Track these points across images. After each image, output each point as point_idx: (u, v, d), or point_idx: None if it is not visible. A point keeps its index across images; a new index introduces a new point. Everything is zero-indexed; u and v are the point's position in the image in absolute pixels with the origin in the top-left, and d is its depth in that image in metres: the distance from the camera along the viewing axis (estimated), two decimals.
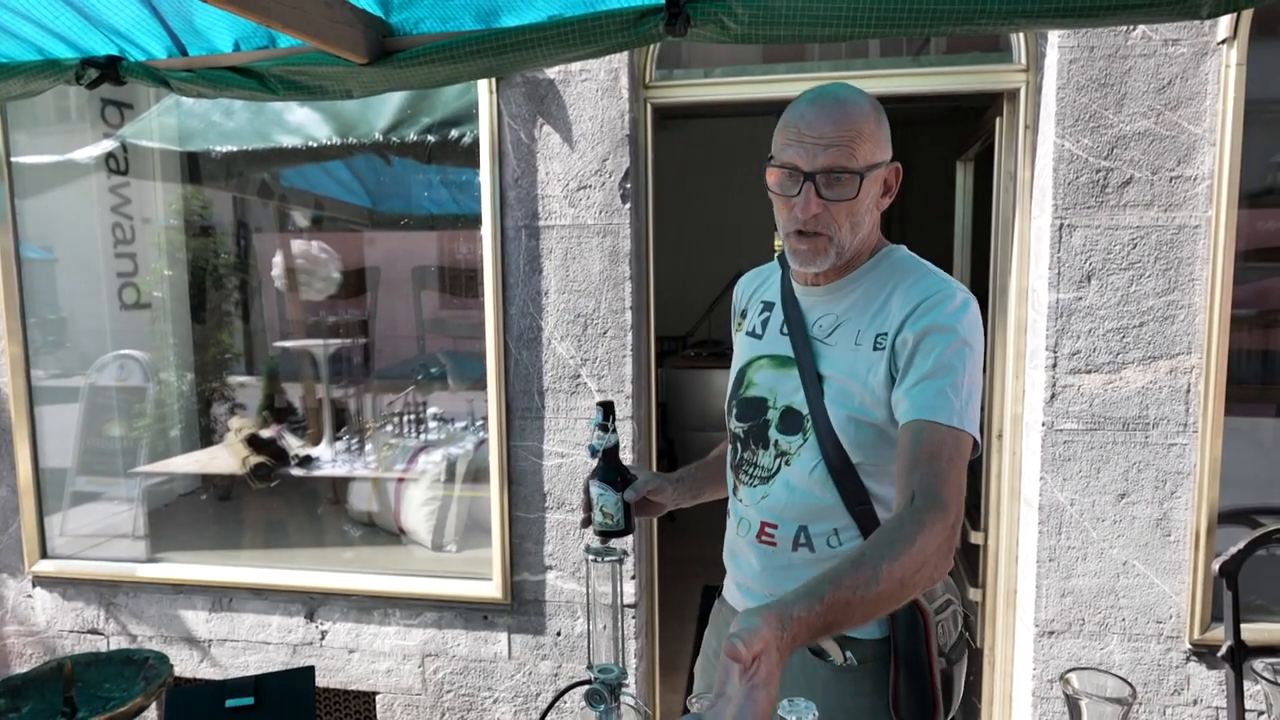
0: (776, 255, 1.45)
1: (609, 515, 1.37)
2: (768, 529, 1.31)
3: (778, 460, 1.29)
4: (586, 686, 1.18)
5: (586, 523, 1.40)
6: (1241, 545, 1.83)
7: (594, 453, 1.38)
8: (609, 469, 1.37)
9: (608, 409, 1.38)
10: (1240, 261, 2.09)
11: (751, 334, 1.38)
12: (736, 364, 1.40)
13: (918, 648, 1.22)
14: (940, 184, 4.87)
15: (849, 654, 1.24)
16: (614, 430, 1.38)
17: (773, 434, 1.30)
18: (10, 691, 1.17)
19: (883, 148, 1.21)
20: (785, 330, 1.31)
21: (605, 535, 1.38)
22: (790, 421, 1.28)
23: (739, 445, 1.36)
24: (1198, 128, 2.06)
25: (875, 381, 1.19)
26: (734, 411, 1.36)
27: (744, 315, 1.44)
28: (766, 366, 1.33)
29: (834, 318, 1.27)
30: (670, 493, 1.45)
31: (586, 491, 1.38)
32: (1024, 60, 2.26)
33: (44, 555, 2.91)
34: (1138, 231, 2.11)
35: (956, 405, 1.12)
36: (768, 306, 1.37)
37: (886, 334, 1.19)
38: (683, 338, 6.16)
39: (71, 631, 2.92)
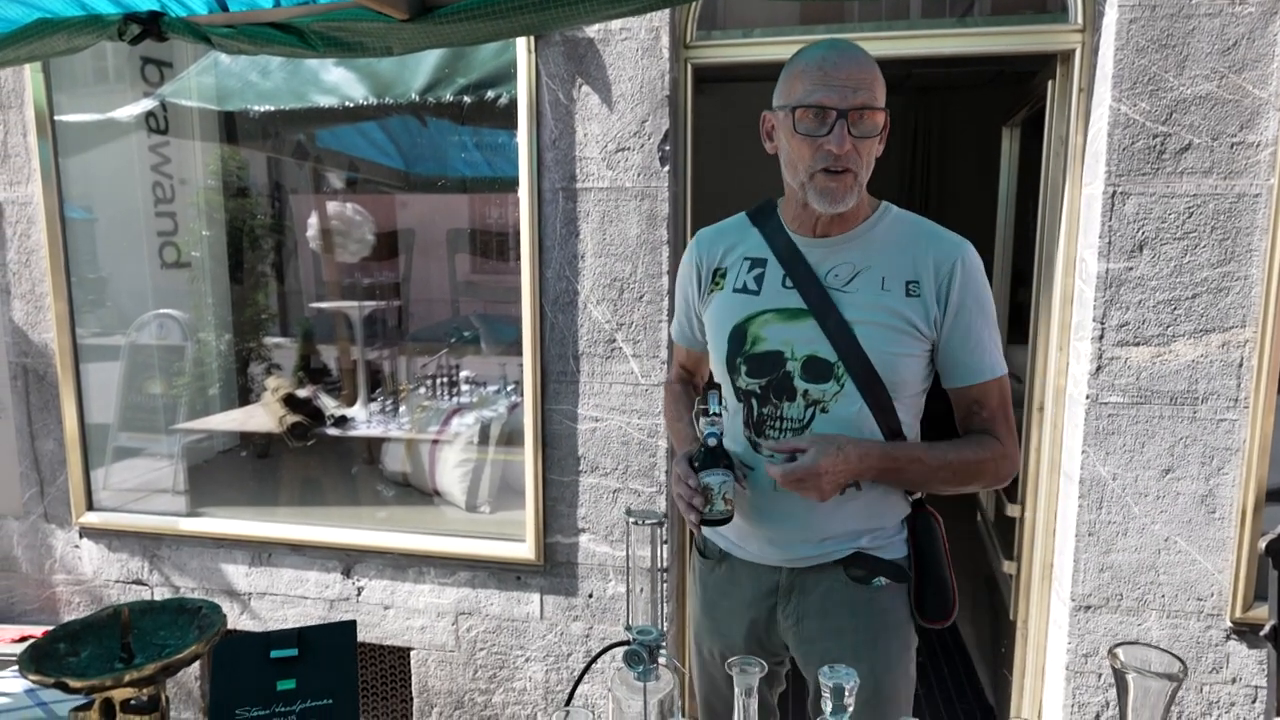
0: (749, 210, 1.47)
1: (729, 502, 1.31)
2: None
3: (810, 409, 1.33)
4: (625, 647, 1.19)
5: (703, 522, 1.31)
6: None
7: (715, 440, 1.30)
8: (723, 454, 1.31)
9: (719, 392, 1.34)
10: None
11: (742, 290, 1.38)
12: (729, 321, 1.39)
13: (935, 546, 1.42)
14: (980, 150, 4.74)
15: (881, 579, 1.39)
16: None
17: (799, 384, 1.33)
18: (70, 636, 1.20)
19: (885, 94, 1.29)
20: (789, 283, 1.34)
21: (717, 524, 1.33)
22: (816, 370, 1.32)
23: (755, 401, 1.37)
24: (1263, 91, 1.98)
25: (915, 320, 1.30)
26: (743, 369, 1.37)
27: (722, 274, 1.43)
28: (774, 320, 1.35)
29: (851, 266, 1.33)
30: None
31: (703, 487, 1.29)
32: (1080, 20, 2.17)
33: (90, 507, 2.99)
34: (1194, 200, 2.04)
35: (998, 355, 1.36)
36: (758, 263, 1.39)
37: (918, 282, 1.31)
38: None
39: (117, 582, 3.00)
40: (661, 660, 1.21)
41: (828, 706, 0.97)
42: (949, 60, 2.35)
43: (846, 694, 0.96)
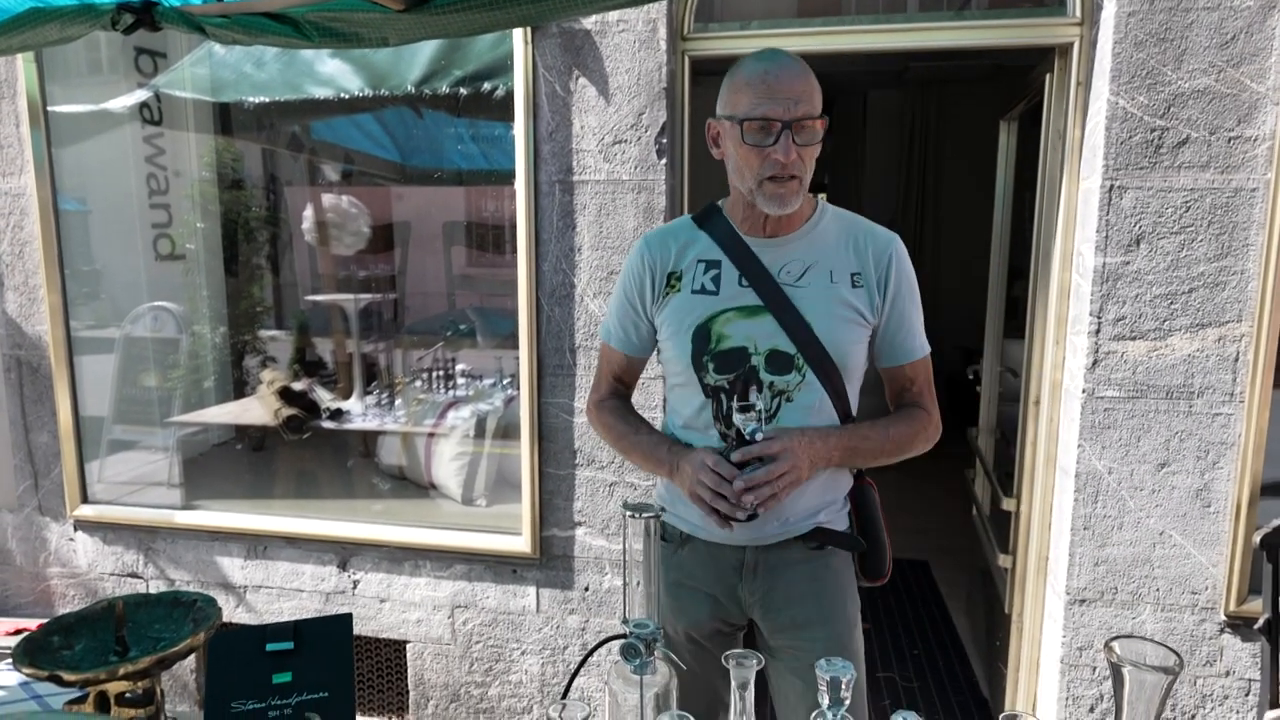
0: (694, 215, 1.53)
1: None
2: None
3: (776, 399, 1.43)
4: (622, 640, 1.19)
5: (748, 517, 1.36)
6: None
7: (763, 435, 1.33)
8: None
9: (758, 384, 1.40)
10: None
11: (701, 291, 1.45)
12: (691, 321, 1.44)
13: (875, 513, 1.55)
14: (977, 144, 4.74)
15: (828, 545, 1.51)
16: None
17: (764, 376, 1.41)
18: (64, 629, 1.20)
19: (821, 101, 1.37)
20: (745, 282, 1.42)
21: (754, 519, 1.36)
22: (778, 362, 1.41)
23: (724, 396, 1.44)
24: (1261, 86, 1.98)
25: (861, 309, 1.43)
26: (711, 366, 1.44)
27: (677, 276, 1.48)
28: (736, 318, 1.42)
29: (801, 263, 1.43)
30: None
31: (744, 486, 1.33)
32: (1078, 13, 2.17)
33: (85, 500, 2.98)
34: (1191, 194, 2.04)
35: (924, 335, 1.51)
36: (712, 264, 1.45)
37: (861, 273, 1.43)
38: None
39: (112, 574, 3.00)
40: (658, 653, 1.21)
41: (825, 700, 0.97)
42: (946, 53, 2.35)
43: (843, 687, 0.96)
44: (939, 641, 3.44)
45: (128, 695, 1.14)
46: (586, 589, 2.57)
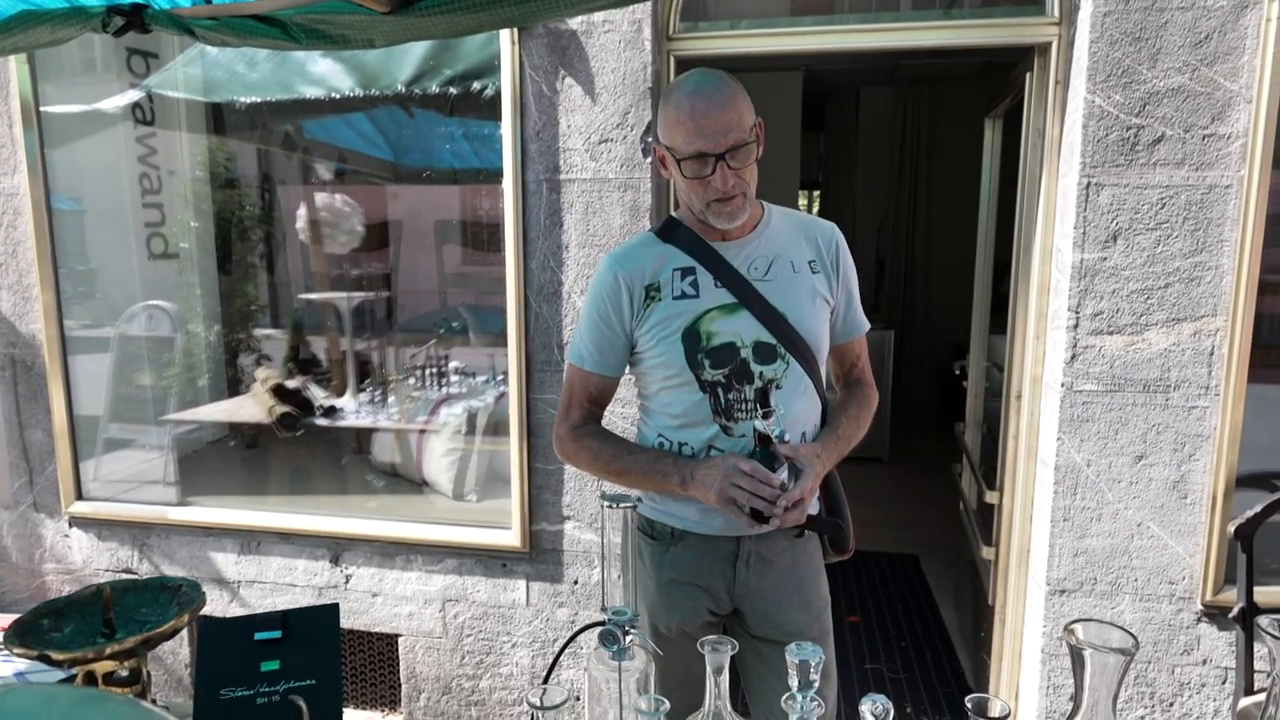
0: (654, 230, 1.60)
1: None
2: None
3: (768, 387, 1.51)
4: (601, 627, 1.22)
5: (800, 522, 1.44)
6: (1259, 508, 1.83)
7: (780, 438, 1.42)
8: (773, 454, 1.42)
9: (772, 388, 1.49)
10: (1271, 224, 2.05)
11: (681, 297, 1.51)
12: (679, 325, 1.50)
13: (840, 493, 1.68)
14: (966, 141, 4.77)
15: (807, 531, 1.60)
16: None
17: (754, 367, 1.49)
18: (53, 613, 1.23)
19: (753, 110, 1.45)
20: (719, 283, 1.50)
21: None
22: (763, 352, 1.49)
23: (720, 390, 1.51)
24: (1234, 84, 2.01)
25: (823, 292, 1.55)
26: (706, 363, 1.50)
27: (656, 288, 1.53)
28: (719, 316, 1.50)
29: (765, 259, 1.53)
30: None
31: (782, 484, 1.40)
32: (1057, 13, 2.20)
33: (80, 497, 3.01)
34: (1167, 191, 2.07)
35: (863, 313, 1.69)
36: (688, 271, 1.52)
37: (815, 260, 1.56)
38: None
39: (106, 570, 3.02)
40: (636, 639, 1.24)
41: (794, 682, 1.00)
42: (932, 52, 2.37)
43: (812, 670, 0.99)
44: (927, 634, 3.48)
45: (115, 675, 1.18)
46: (575, 582, 2.60)
